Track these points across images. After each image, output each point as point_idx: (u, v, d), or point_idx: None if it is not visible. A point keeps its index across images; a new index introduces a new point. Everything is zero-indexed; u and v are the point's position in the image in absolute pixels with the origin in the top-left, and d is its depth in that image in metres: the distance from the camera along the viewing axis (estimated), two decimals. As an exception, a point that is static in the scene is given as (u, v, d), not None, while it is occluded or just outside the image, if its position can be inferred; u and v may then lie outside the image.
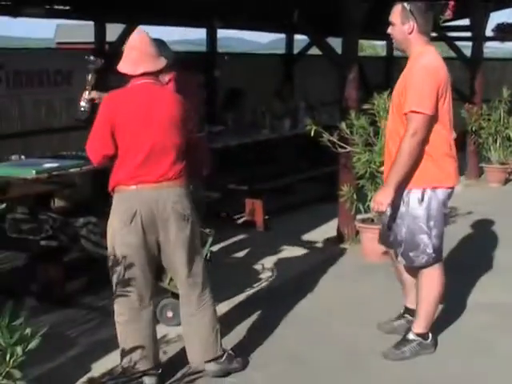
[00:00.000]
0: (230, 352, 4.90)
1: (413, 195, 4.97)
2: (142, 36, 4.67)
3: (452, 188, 5.11)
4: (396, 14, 5.04)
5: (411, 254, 5.06)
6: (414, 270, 5.23)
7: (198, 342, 4.76)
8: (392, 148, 5.04)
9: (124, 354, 4.60)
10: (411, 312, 5.49)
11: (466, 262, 7.29)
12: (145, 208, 4.49)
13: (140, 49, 4.59)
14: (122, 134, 4.51)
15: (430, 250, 5.02)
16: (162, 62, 4.65)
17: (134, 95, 4.60)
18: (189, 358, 4.81)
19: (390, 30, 5.12)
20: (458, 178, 5.16)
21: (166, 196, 4.52)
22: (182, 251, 4.60)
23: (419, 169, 4.93)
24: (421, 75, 4.87)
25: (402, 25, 5.00)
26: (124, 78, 4.65)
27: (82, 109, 5.93)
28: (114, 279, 4.59)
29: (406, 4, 4.98)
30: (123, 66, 4.60)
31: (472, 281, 6.76)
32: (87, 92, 5.93)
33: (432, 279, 5.13)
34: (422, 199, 4.95)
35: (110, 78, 4.62)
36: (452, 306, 5.97)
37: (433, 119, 4.87)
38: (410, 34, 5.00)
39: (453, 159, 5.05)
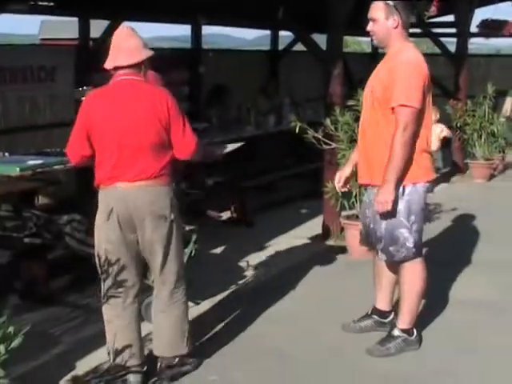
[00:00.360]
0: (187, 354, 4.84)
1: None
2: (120, 30, 4.68)
3: (431, 182, 5.13)
4: (379, 9, 5.03)
5: (391, 249, 5.08)
6: (396, 267, 5.25)
7: (165, 338, 4.75)
8: (371, 138, 5.07)
9: (109, 350, 4.62)
10: (379, 312, 5.53)
11: (450, 258, 7.31)
12: (121, 207, 4.49)
13: (115, 43, 4.59)
14: (97, 134, 4.51)
15: (410, 244, 5.04)
16: (140, 55, 4.54)
17: (109, 93, 4.58)
18: (156, 353, 4.79)
19: (370, 28, 5.10)
20: (434, 172, 5.20)
21: (143, 195, 4.48)
22: (157, 249, 4.58)
23: None
24: (408, 69, 4.88)
25: (386, 20, 5.00)
26: (106, 76, 4.64)
27: None
28: (100, 275, 4.61)
29: (389, 0, 4.99)
30: (105, 63, 4.60)
31: (455, 277, 6.78)
32: None
33: (414, 274, 5.15)
34: (403, 193, 4.97)
35: (93, 76, 4.59)
36: (435, 301, 5.99)
37: (419, 115, 4.89)
38: (395, 28, 5.01)
39: (429, 154, 5.11)
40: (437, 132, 11.10)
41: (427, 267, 5.19)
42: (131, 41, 4.56)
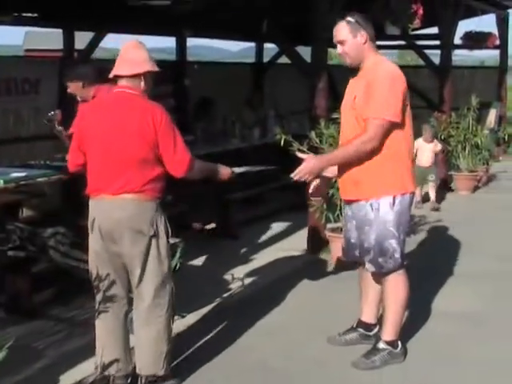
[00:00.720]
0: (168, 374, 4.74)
1: (383, 201, 4.99)
2: (128, 42, 4.67)
3: (413, 193, 5.18)
4: (344, 30, 5.00)
5: (380, 260, 5.08)
6: (380, 278, 5.26)
7: (143, 356, 4.66)
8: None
9: (96, 364, 4.62)
10: (364, 325, 5.54)
11: (433, 270, 7.33)
12: (103, 218, 4.50)
13: (121, 54, 4.61)
14: (86, 144, 4.56)
15: (397, 255, 5.06)
16: (140, 68, 4.52)
17: (102, 105, 4.65)
18: (136, 369, 4.73)
19: (340, 50, 5.07)
20: (415, 184, 5.21)
21: (124, 208, 4.46)
22: (135, 264, 4.53)
23: (390, 176, 4.97)
24: (387, 83, 4.88)
25: (354, 38, 4.98)
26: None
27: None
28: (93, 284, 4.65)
29: (349, 18, 4.99)
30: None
31: (438, 288, 6.80)
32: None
33: (397, 285, 5.16)
34: (394, 204, 4.98)
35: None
36: (418, 313, 6.00)
37: (398, 127, 4.91)
38: (365, 43, 5.01)
39: (412, 165, 5.14)
40: (429, 147, 11.11)
41: (409, 278, 5.20)
42: (135, 52, 4.56)
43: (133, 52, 4.57)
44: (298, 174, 5.02)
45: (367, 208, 5.04)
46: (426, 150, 11.09)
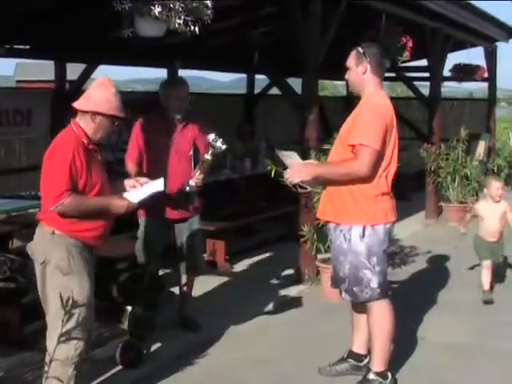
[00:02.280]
0: None
1: (354, 231, 5.06)
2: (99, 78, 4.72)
3: (390, 224, 5.18)
4: (351, 57, 5.20)
5: (355, 289, 5.12)
6: (364, 309, 5.27)
7: None
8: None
9: None
10: (355, 356, 5.54)
11: (423, 300, 7.34)
12: None
13: None
14: None
15: (374, 285, 5.09)
16: (86, 105, 4.53)
17: None
18: None
19: (346, 75, 5.25)
20: (395, 214, 5.22)
21: (35, 236, 4.59)
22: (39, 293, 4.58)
23: (360, 207, 5.04)
24: (370, 114, 4.99)
25: (356, 67, 5.15)
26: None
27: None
28: None
29: (359, 48, 5.14)
30: None
31: (428, 319, 6.82)
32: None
33: (381, 314, 5.18)
34: (363, 235, 5.03)
35: (70, 119, 4.60)
36: (408, 345, 6.02)
37: (379, 157, 4.96)
38: (364, 74, 5.12)
39: (389, 197, 5.17)
40: (498, 208, 7.71)
41: (395, 308, 5.22)
42: (93, 89, 4.60)
43: (93, 88, 4.60)
44: (289, 174, 5.15)
45: (341, 238, 5.12)
46: (494, 214, 7.73)
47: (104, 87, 4.57)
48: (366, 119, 4.97)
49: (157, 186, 4.83)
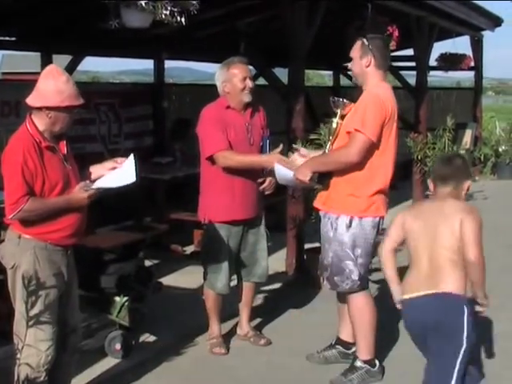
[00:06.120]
0: None
1: (341, 221, 5.10)
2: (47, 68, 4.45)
3: (380, 218, 5.19)
4: (355, 49, 5.21)
5: (336, 279, 5.16)
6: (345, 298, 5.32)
7: None
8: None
9: None
10: (342, 343, 5.59)
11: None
12: None
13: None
14: None
15: (355, 277, 5.13)
16: (35, 100, 4.32)
17: None
18: None
19: (350, 65, 5.27)
20: (386, 209, 5.24)
21: (5, 238, 4.44)
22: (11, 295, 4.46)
23: (349, 197, 5.07)
24: (369, 105, 5.02)
25: (360, 59, 5.16)
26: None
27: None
28: None
29: (365, 40, 5.14)
30: None
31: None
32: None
33: (361, 305, 5.24)
34: (350, 225, 5.05)
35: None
36: (396, 333, 6.03)
37: (376, 149, 4.98)
38: (367, 67, 5.14)
39: (384, 194, 5.20)
40: None
41: (382, 295, 5.25)
42: (41, 81, 4.31)
43: (41, 80, 4.30)
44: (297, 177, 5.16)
45: (328, 226, 5.15)
46: None
47: (51, 78, 4.26)
48: (365, 108, 4.99)
49: (128, 169, 4.38)
